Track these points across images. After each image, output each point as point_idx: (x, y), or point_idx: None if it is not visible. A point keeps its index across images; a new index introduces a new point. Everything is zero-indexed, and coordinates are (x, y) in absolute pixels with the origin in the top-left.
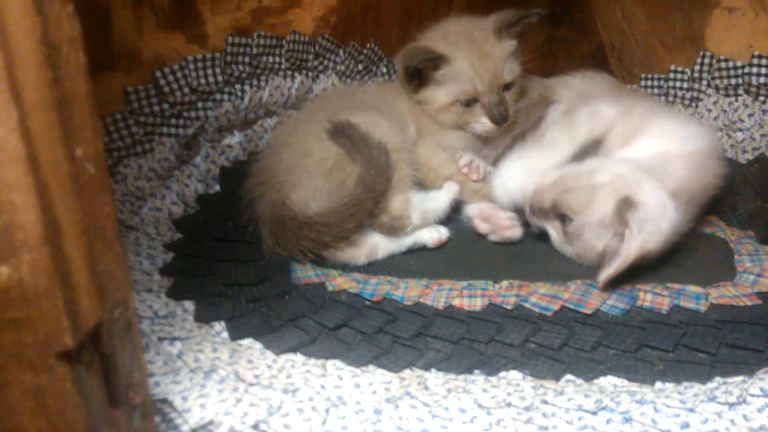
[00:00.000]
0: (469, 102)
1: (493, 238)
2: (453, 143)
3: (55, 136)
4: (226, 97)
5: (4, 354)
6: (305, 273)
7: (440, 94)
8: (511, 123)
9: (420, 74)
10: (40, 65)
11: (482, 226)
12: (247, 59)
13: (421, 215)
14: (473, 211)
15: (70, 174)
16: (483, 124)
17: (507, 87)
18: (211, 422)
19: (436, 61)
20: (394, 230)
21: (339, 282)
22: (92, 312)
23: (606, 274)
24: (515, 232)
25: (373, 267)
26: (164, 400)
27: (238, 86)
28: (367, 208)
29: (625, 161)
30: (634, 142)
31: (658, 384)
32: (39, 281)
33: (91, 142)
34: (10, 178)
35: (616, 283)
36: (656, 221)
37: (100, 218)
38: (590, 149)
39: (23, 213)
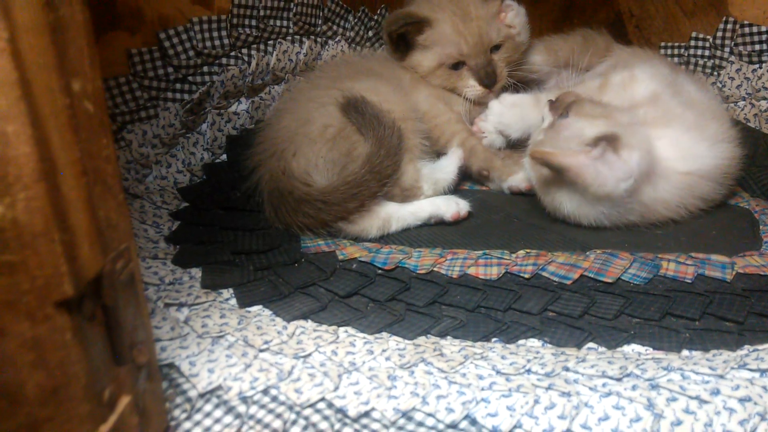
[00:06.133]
0: (456, 65)
1: None
2: (456, 107)
3: (49, 63)
4: (232, 61)
5: None
6: (315, 242)
7: (425, 59)
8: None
9: (405, 40)
10: None
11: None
12: (253, 22)
13: (432, 185)
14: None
15: (66, 107)
16: (472, 88)
17: (496, 48)
18: (219, 387)
19: (420, 25)
20: (406, 199)
21: (350, 251)
22: (93, 260)
23: (539, 145)
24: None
25: (385, 237)
26: (171, 365)
27: (244, 50)
28: (372, 189)
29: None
30: None
31: (685, 352)
32: (35, 221)
33: (89, 78)
34: (2, 105)
35: None
36: (619, 170)
37: (99, 160)
38: None
39: (16, 145)
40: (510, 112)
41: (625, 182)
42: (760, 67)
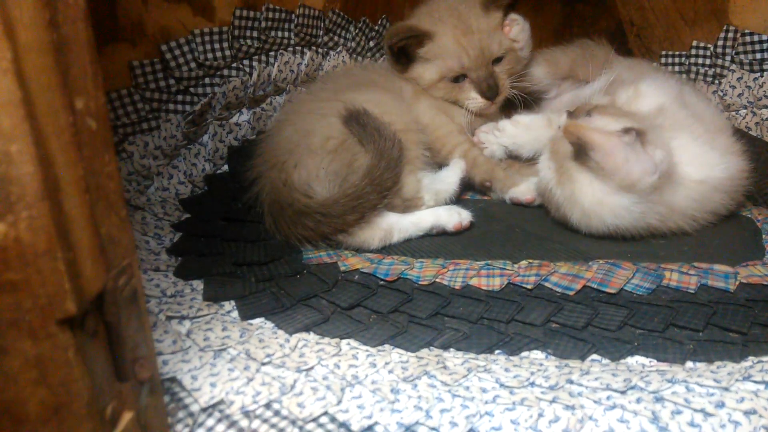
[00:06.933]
0: (458, 78)
1: None
2: (458, 118)
3: (52, 82)
4: (233, 72)
5: (2, 320)
6: (316, 253)
7: (426, 72)
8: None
9: (407, 53)
10: (37, 4)
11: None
12: (255, 33)
13: (433, 196)
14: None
15: (69, 126)
16: (474, 100)
17: (498, 60)
18: (221, 401)
19: (421, 38)
20: (408, 210)
21: (352, 262)
22: (95, 277)
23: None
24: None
25: (387, 248)
26: (173, 379)
27: (246, 62)
28: (372, 202)
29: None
30: None
31: (689, 363)
32: (38, 240)
33: (92, 95)
34: (5, 125)
35: None
36: (647, 162)
37: (102, 177)
38: None
39: (20, 165)
40: (524, 135)
41: (651, 176)
42: (762, 76)
